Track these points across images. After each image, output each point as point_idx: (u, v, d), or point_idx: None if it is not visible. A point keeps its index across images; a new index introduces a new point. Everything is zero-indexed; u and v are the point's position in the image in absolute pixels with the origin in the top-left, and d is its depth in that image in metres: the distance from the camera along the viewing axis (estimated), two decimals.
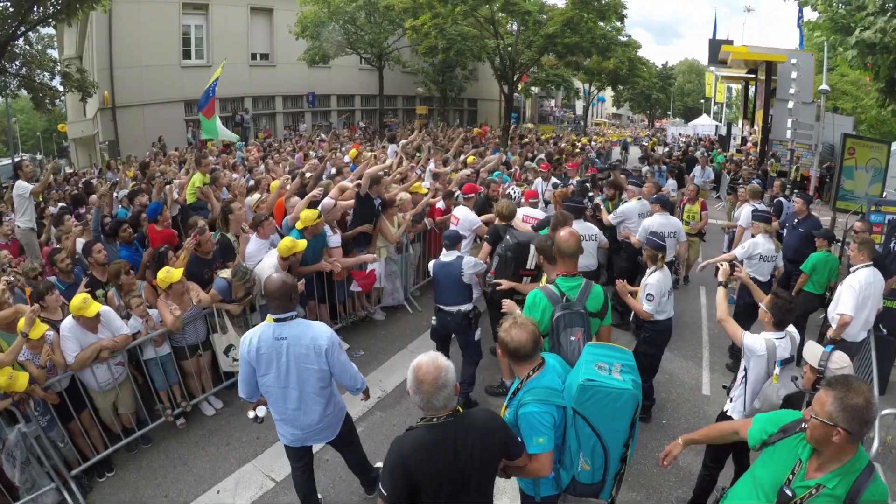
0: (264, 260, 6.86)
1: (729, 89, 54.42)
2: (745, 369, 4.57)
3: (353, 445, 4.97)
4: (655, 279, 6.12)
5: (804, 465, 2.82)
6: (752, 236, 8.03)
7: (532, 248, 6.17)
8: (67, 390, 5.43)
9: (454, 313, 6.37)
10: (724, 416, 4.75)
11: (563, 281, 4.43)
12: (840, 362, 3.78)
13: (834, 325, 6.40)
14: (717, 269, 5.55)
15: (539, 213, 8.55)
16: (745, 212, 9.95)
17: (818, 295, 8.01)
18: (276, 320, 4.12)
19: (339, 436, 4.67)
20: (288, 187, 8.69)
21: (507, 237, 6.52)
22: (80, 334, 5.34)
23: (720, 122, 50.16)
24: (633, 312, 7.28)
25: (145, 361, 6.07)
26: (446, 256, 6.40)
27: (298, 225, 7.19)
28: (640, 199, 9.52)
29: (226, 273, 6.58)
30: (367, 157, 11.62)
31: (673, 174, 15.47)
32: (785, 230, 9.78)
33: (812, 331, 8.25)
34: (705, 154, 24.29)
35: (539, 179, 11.58)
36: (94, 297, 5.75)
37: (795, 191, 14.55)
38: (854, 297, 6.28)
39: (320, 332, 4.18)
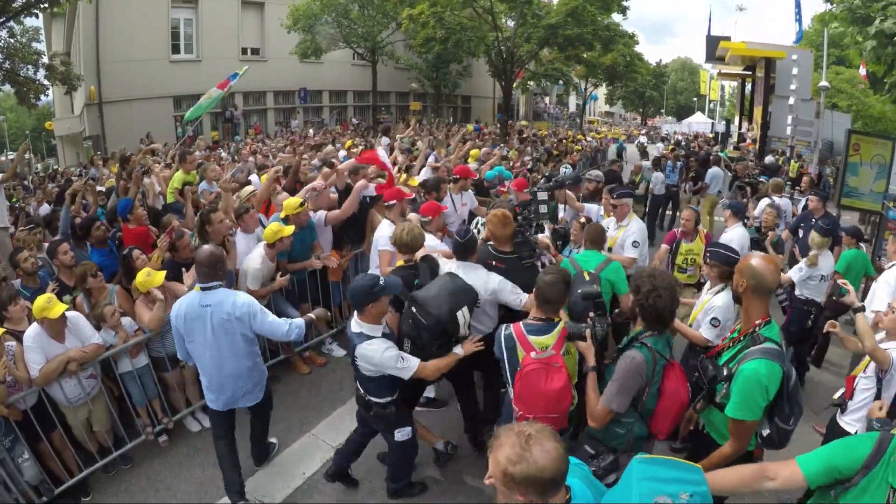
0: (252, 252, 6.22)
1: (722, 87, 54.33)
2: (878, 387, 4.15)
3: (267, 413, 5.24)
4: (724, 300, 4.90)
5: None
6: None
7: (461, 313, 4.29)
8: (34, 408, 4.82)
9: (358, 397, 4.58)
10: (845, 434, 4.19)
11: (769, 330, 3.22)
12: None
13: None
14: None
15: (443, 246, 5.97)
16: (761, 205, 9.61)
17: None
18: (202, 289, 4.40)
19: (264, 398, 4.98)
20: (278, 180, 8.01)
21: (414, 309, 4.29)
22: (46, 344, 4.72)
23: (714, 119, 49.92)
24: None
25: (120, 375, 5.44)
26: (353, 325, 4.26)
27: (281, 214, 6.55)
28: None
29: None
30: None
31: (689, 177, 14.71)
32: (801, 230, 9.24)
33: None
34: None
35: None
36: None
37: (797, 187, 14.17)
38: (890, 293, 5.80)
39: (240, 302, 4.44)
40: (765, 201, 9.70)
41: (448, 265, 4.94)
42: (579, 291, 4.15)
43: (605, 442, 3.62)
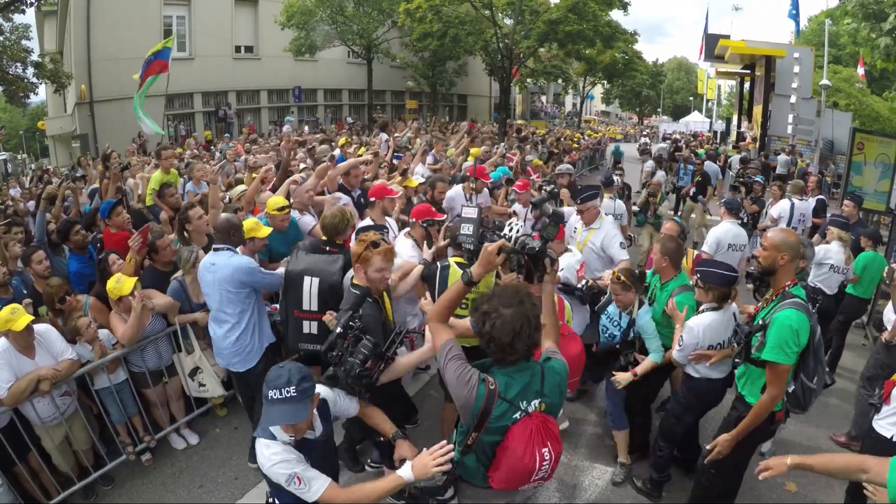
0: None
1: (719, 86, 54.18)
2: None
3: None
4: (703, 321, 4.38)
5: None
6: (828, 242, 7.27)
7: (308, 280, 4.50)
8: (6, 429, 4.45)
9: None
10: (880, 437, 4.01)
11: (797, 290, 3.72)
12: None
13: (890, 327, 5.80)
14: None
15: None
16: (782, 207, 9.52)
17: (865, 300, 7.47)
18: (214, 250, 4.79)
19: (250, 372, 4.96)
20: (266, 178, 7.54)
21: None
22: (14, 360, 4.33)
23: (712, 119, 49.76)
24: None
25: (97, 391, 5.06)
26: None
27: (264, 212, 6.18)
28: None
29: (178, 274, 5.51)
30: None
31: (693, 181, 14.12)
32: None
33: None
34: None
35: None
36: (37, 315, 4.78)
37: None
38: None
39: (236, 260, 4.74)
40: (784, 203, 9.50)
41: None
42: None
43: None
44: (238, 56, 30.74)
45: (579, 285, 5.36)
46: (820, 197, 10.69)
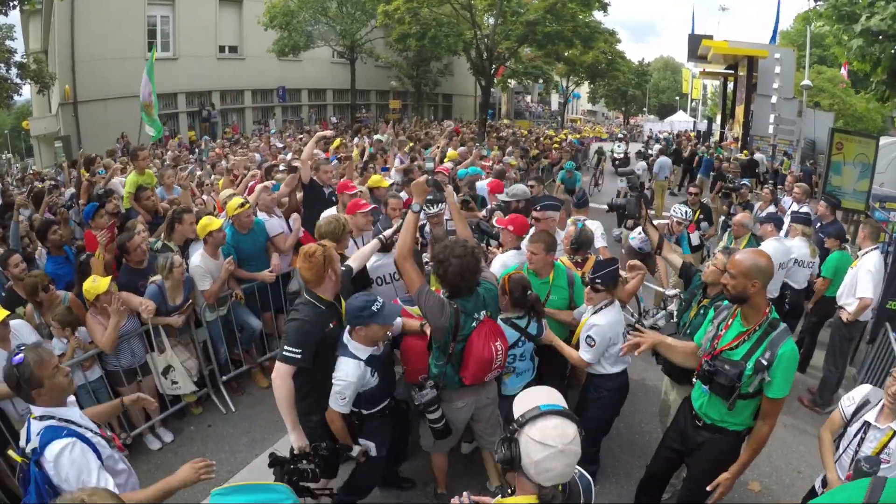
0: (193, 256, 5.94)
1: (704, 86, 54.52)
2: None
3: None
4: (605, 319, 4.40)
5: None
6: (791, 238, 7.50)
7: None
8: None
9: None
10: None
11: (774, 312, 3.50)
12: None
13: (852, 308, 6.39)
14: None
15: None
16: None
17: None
18: None
19: None
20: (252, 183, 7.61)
21: None
22: None
23: (696, 118, 49.98)
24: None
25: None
26: (346, 333, 3.98)
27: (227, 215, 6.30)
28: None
29: (156, 278, 5.63)
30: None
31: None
32: None
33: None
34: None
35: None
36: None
37: (780, 186, 14.05)
38: (873, 279, 6.32)
39: None
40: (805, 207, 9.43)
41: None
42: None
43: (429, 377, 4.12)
44: (222, 56, 30.74)
45: None
46: (820, 202, 10.72)
